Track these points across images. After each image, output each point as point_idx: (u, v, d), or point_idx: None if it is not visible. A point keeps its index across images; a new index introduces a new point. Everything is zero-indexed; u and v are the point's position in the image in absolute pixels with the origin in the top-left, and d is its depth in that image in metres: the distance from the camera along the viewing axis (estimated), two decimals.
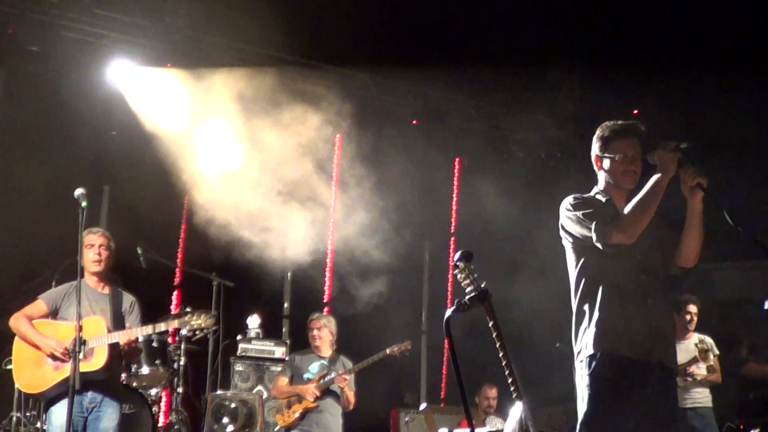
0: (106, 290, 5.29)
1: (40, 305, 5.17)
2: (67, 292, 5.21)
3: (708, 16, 7.33)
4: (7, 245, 7.22)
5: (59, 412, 4.90)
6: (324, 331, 7.08)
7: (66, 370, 4.93)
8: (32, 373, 5.04)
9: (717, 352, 6.70)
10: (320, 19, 7.73)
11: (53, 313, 5.17)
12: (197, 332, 5.72)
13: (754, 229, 3.54)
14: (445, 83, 8.05)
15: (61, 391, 4.91)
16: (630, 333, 3.55)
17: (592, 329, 3.60)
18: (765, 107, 7.48)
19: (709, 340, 6.74)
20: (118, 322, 5.17)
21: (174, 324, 5.35)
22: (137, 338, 5.16)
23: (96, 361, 4.97)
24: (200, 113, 7.99)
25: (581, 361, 3.63)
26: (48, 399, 5.05)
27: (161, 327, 5.33)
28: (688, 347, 6.62)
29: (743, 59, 7.36)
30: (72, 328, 4.84)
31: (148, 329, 5.27)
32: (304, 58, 8.23)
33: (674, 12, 7.45)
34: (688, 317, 6.68)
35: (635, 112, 8.24)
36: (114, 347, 5.02)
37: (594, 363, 3.57)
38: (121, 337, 5.02)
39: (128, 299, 5.39)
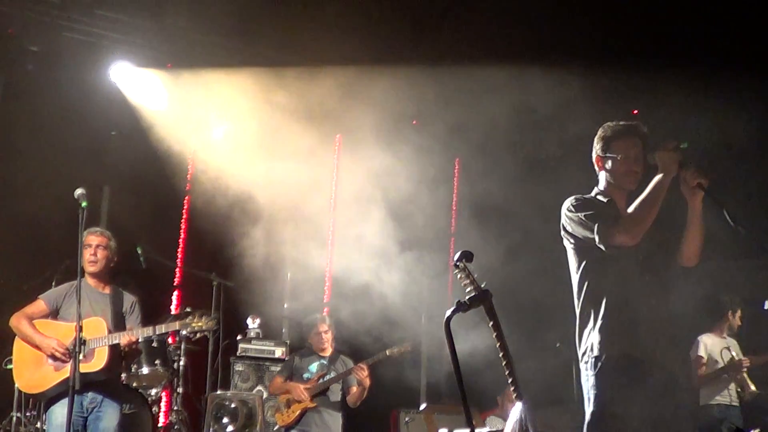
0: (107, 290, 5.29)
1: (40, 305, 5.18)
2: (67, 292, 5.22)
3: (708, 16, 7.33)
4: (7, 245, 7.22)
5: (59, 412, 4.92)
6: (329, 333, 7.14)
7: (66, 370, 4.95)
8: (32, 373, 5.05)
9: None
10: (319, 18, 7.72)
11: (53, 313, 5.18)
12: (198, 334, 5.72)
13: (754, 229, 3.54)
14: (446, 83, 8.04)
15: (61, 391, 4.92)
16: (635, 334, 3.56)
17: (597, 330, 3.61)
18: (765, 107, 7.48)
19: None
20: (118, 323, 5.17)
21: (175, 326, 5.34)
22: (138, 339, 5.16)
23: (96, 361, 4.98)
24: (200, 113, 8.00)
25: (586, 362, 3.64)
26: (48, 399, 5.06)
27: (162, 329, 5.32)
28: (730, 345, 7.08)
29: (743, 59, 7.36)
30: (72, 329, 4.84)
31: (149, 331, 5.26)
32: (304, 57, 8.22)
33: (674, 12, 7.44)
34: (740, 323, 7.19)
35: (635, 112, 8.23)
36: (114, 348, 5.02)
37: (599, 364, 3.58)
38: (122, 338, 5.02)
39: (129, 300, 5.39)
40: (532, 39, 7.69)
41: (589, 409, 3.59)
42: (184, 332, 5.35)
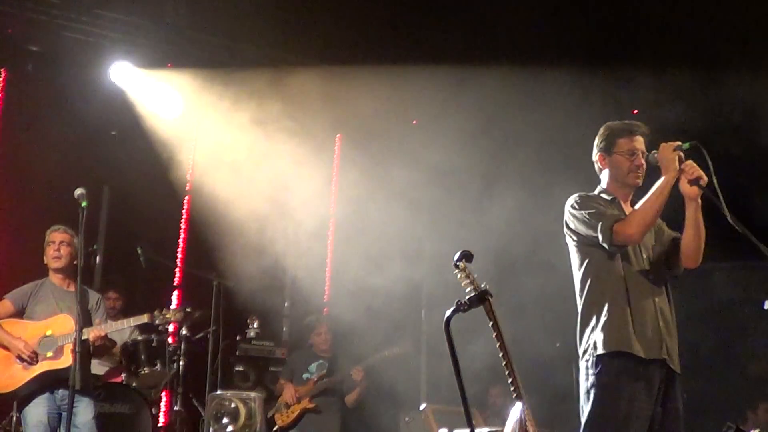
0: (72, 288, 5.32)
1: (6, 305, 5.24)
2: (32, 292, 5.28)
3: (707, 15, 7.33)
4: (6, 245, 7.22)
5: (34, 412, 5.02)
6: (329, 334, 7.16)
7: (35, 369, 5.04)
8: (1, 372, 5.10)
9: None
10: (319, 18, 7.72)
11: (19, 313, 5.24)
12: (167, 326, 5.83)
13: (754, 229, 3.54)
14: (446, 83, 8.05)
15: (32, 390, 5.03)
16: (637, 333, 3.56)
17: (599, 329, 3.60)
18: (764, 106, 7.48)
19: None
20: (85, 320, 5.18)
21: (143, 319, 5.45)
22: (106, 335, 5.21)
23: (65, 358, 5.03)
24: (200, 113, 7.99)
25: (587, 361, 3.63)
26: (20, 399, 5.12)
27: (130, 322, 5.47)
28: None
29: (743, 59, 7.36)
30: (39, 328, 5.09)
31: (116, 325, 5.38)
32: (304, 57, 8.22)
33: (673, 11, 7.45)
34: None
35: (635, 111, 8.24)
36: (82, 344, 5.04)
37: (600, 363, 3.57)
38: (90, 334, 5.08)
39: (94, 297, 5.47)
40: (532, 39, 7.70)
41: (588, 408, 3.59)
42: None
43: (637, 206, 3.65)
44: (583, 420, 3.61)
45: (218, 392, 7.03)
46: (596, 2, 7.64)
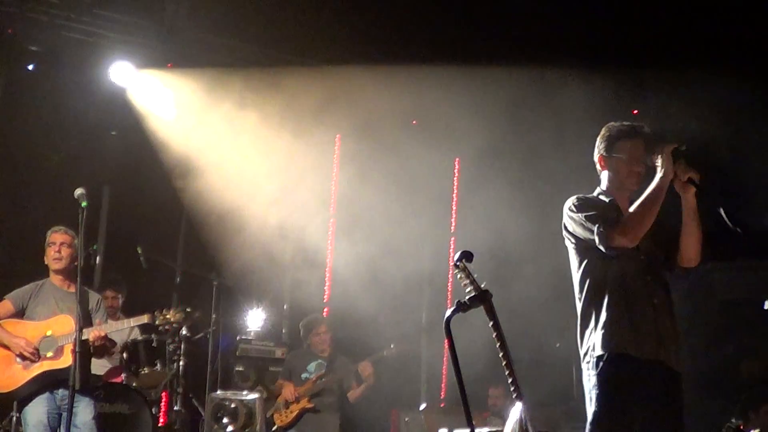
0: (72, 289, 5.33)
1: (6, 305, 5.26)
2: (33, 292, 5.30)
3: (708, 16, 7.34)
4: (7, 244, 7.22)
5: (33, 411, 5.04)
6: (328, 334, 7.17)
7: (35, 369, 5.06)
8: (1, 372, 5.11)
9: None
10: (319, 18, 7.73)
11: (20, 313, 5.25)
12: (167, 327, 5.83)
13: (754, 229, 3.54)
14: (446, 83, 8.05)
15: (32, 390, 5.04)
16: (636, 334, 3.56)
17: (599, 330, 3.60)
18: (764, 107, 7.49)
19: None
20: (85, 320, 5.20)
21: (143, 319, 5.48)
22: (106, 335, 5.22)
23: (65, 358, 5.05)
24: (200, 113, 7.99)
25: (588, 362, 3.63)
26: (20, 399, 5.13)
27: (130, 322, 5.50)
28: None
29: (743, 58, 7.36)
30: (39, 328, 5.10)
31: (116, 325, 5.42)
32: (304, 57, 8.23)
33: (674, 11, 7.45)
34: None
35: (635, 112, 8.24)
36: (83, 344, 5.05)
37: (601, 364, 3.57)
38: (90, 334, 5.10)
39: (94, 297, 5.48)
40: (533, 39, 7.70)
41: (591, 408, 3.59)
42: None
43: (631, 209, 3.63)
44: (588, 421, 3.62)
45: (218, 392, 7.04)
46: (599, 3, 7.64)
